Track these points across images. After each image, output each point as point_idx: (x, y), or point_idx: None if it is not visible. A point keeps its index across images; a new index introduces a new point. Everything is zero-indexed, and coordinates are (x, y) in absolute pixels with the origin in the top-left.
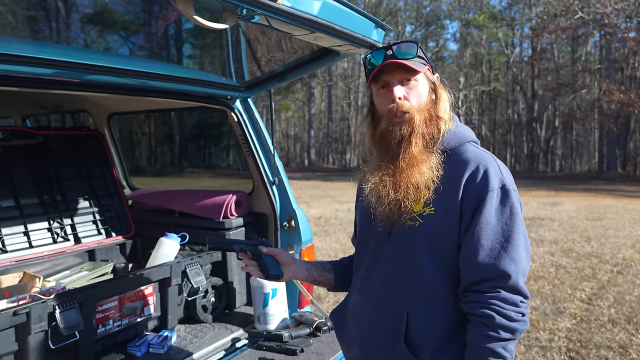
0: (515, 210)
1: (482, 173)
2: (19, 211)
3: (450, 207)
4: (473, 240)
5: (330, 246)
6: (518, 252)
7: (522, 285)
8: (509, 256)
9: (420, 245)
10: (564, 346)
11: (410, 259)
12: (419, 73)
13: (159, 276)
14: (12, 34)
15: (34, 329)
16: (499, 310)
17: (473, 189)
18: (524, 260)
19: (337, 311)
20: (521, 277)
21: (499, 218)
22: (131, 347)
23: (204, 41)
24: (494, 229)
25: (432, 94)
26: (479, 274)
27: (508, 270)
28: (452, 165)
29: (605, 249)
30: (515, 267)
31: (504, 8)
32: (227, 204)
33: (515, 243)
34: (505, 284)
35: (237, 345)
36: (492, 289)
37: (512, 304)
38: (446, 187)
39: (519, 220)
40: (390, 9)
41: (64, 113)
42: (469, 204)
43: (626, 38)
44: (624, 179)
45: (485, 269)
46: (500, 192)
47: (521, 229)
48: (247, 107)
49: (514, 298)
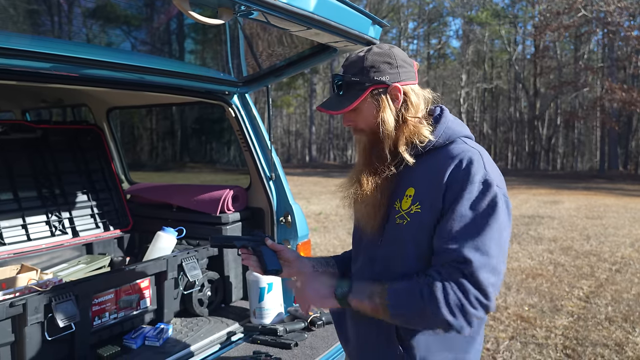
0: (494, 205)
1: (465, 168)
2: (18, 204)
3: (434, 204)
4: (445, 228)
5: (330, 242)
6: (486, 244)
7: (484, 281)
8: (475, 245)
9: (407, 243)
10: (560, 343)
11: (399, 256)
12: (351, 107)
13: (156, 270)
14: (11, 28)
15: (30, 320)
16: (446, 289)
17: (455, 183)
18: (493, 255)
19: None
20: (487, 271)
21: (474, 210)
22: (127, 340)
23: (201, 36)
24: (466, 219)
25: (387, 110)
26: (443, 258)
27: (470, 257)
28: (440, 162)
29: (604, 248)
30: (480, 257)
31: (506, 5)
32: (224, 198)
33: (486, 235)
34: (464, 270)
35: (232, 339)
36: (452, 268)
37: (463, 293)
38: (432, 185)
39: (498, 215)
40: (393, 5)
41: (63, 107)
42: (449, 197)
43: (629, 36)
44: (625, 177)
45: (450, 253)
46: (481, 186)
47: (497, 224)
48: (244, 103)
49: (468, 287)
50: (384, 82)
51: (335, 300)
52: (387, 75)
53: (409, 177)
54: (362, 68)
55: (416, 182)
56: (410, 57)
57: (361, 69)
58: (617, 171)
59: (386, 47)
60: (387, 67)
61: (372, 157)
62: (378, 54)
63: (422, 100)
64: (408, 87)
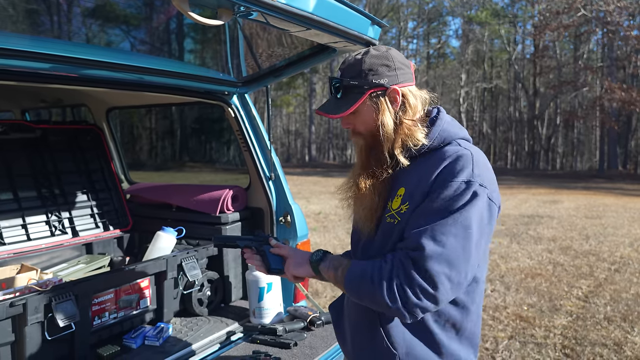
0: (469, 203)
1: (450, 167)
2: (17, 204)
3: (418, 202)
4: (412, 218)
5: (330, 242)
6: (445, 235)
7: (433, 271)
8: (432, 234)
9: (396, 242)
10: (559, 343)
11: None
12: (350, 110)
13: (155, 270)
14: (11, 28)
15: (30, 320)
16: (391, 275)
17: (440, 182)
18: (451, 248)
19: (334, 305)
20: (439, 262)
21: (443, 204)
22: (127, 339)
23: (201, 37)
24: (432, 211)
25: (387, 112)
26: (401, 244)
27: (424, 244)
28: (431, 164)
29: (604, 247)
30: (434, 246)
31: (506, 5)
32: (223, 198)
33: (448, 228)
34: (413, 255)
35: (232, 339)
36: (403, 254)
37: (405, 278)
38: (420, 185)
39: (469, 213)
40: (393, 5)
41: (63, 107)
42: (430, 195)
43: (628, 36)
44: (624, 177)
45: (406, 240)
46: (461, 185)
47: (466, 221)
48: (244, 103)
49: (412, 275)
50: (383, 84)
51: (310, 266)
52: (386, 78)
53: (402, 178)
54: (360, 71)
55: (407, 182)
56: (410, 57)
57: (359, 72)
58: (616, 171)
59: (383, 49)
60: (385, 69)
61: (370, 160)
62: (376, 57)
63: (419, 101)
64: (406, 89)
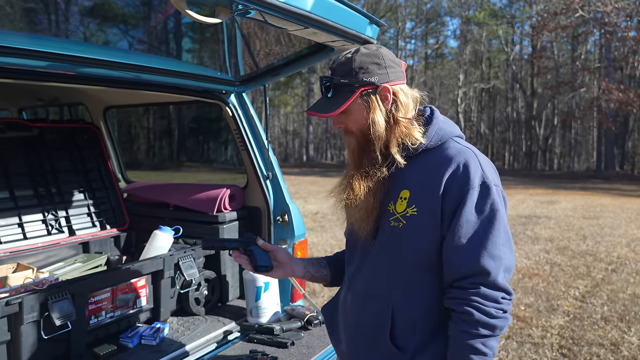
0: (495, 206)
1: (463, 170)
2: (14, 203)
3: (432, 207)
4: (453, 238)
5: (327, 242)
6: (497, 248)
7: (503, 282)
8: (489, 253)
9: (404, 246)
10: (556, 343)
11: (395, 259)
12: (341, 109)
13: (152, 269)
14: (8, 26)
15: (26, 319)
16: (479, 306)
17: (454, 186)
18: (505, 257)
19: (328, 306)
20: (502, 273)
21: (478, 216)
22: (123, 339)
23: (199, 35)
24: (474, 227)
25: (377, 110)
26: (460, 272)
27: (487, 267)
28: (434, 164)
29: (601, 247)
30: (495, 264)
31: (504, 5)
32: (221, 197)
33: (495, 240)
34: (485, 281)
35: (229, 338)
36: (473, 284)
37: (493, 301)
38: (428, 187)
39: (500, 216)
40: (391, 5)
41: (60, 106)
42: (449, 202)
43: (626, 37)
44: (621, 178)
45: (466, 266)
46: (480, 189)
47: (501, 225)
48: (242, 102)
49: (495, 294)
50: (373, 83)
51: None
52: (376, 76)
53: (402, 179)
54: (350, 69)
55: (411, 184)
56: (408, 57)
57: (349, 71)
58: (613, 171)
59: (373, 47)
60: (375, 67)
61: (363, 160)
62: (366, 55)
63: (411, 99)
64: (397, 87)
